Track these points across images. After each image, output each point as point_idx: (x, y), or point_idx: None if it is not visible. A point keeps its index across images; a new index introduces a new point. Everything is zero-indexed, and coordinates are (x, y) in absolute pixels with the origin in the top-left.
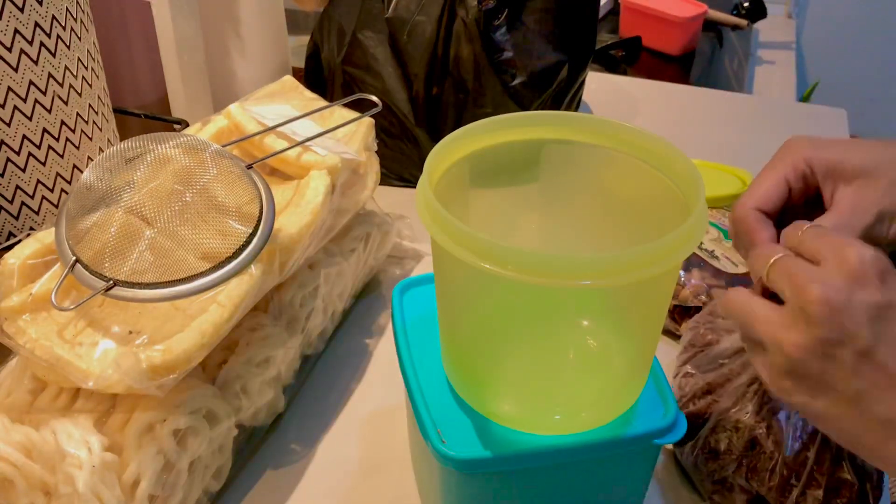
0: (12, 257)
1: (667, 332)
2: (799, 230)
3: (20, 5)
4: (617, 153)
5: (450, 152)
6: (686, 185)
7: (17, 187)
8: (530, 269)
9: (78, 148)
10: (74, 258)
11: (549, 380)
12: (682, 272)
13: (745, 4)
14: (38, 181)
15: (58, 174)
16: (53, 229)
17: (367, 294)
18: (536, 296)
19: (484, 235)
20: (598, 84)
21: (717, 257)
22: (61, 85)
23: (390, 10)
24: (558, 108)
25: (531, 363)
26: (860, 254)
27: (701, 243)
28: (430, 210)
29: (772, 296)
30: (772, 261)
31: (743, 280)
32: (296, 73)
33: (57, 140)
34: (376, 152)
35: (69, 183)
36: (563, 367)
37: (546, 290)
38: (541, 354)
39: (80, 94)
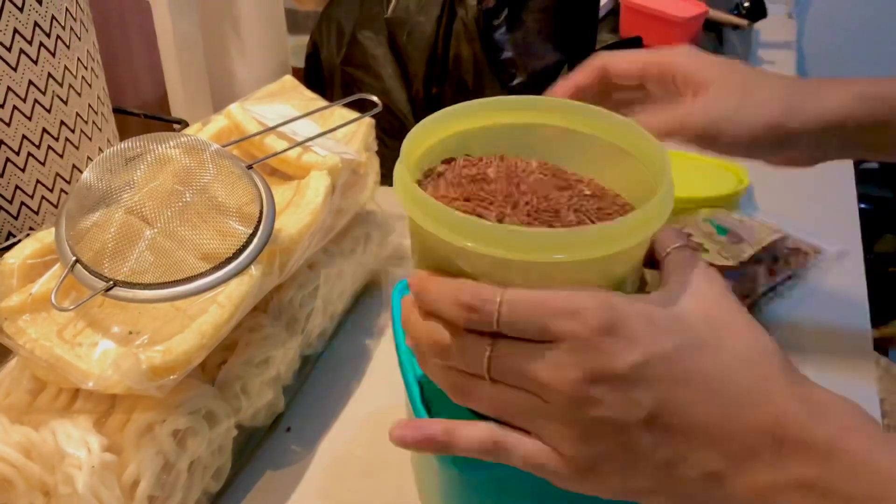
0: (12, 257)
1: None
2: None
3: (20, 5)
4: (587, 137)
5: (422, 137)
6: (653, 164)
7: (17, 187)
8: (507, 244)
9: (77, 148)
10: (74, 258)
11: None
12: None
13: (746, 4)
14: (38, 181)
15: (57, 174)
16: (53, 229)
17: (367, 294)
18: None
19: (460, 213)
20: None
21: (707, 250)
22: (61, 85)
23: (390, 11)
24: None
25: None
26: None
27: (689, 235)
28: (405, 189)
29: None
30: (485, 360)
31: (733, 274)
32: (296, 73)
33: (56, 140)
34: (376, 152)
35: (69, 183)
36: None
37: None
38: None
39: (79, 94)
